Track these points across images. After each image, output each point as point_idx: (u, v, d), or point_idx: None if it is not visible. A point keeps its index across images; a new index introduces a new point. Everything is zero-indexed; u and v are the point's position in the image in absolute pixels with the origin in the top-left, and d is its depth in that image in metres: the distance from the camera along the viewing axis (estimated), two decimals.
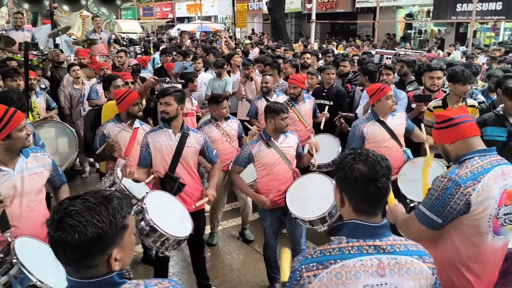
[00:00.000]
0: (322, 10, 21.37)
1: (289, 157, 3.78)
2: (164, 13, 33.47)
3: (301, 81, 5.13)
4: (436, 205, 2.10)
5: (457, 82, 4.18)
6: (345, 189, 1.66)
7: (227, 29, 25.99)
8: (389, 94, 4.00)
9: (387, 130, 4.04)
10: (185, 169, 3.58)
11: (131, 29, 23.08)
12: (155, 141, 3.49)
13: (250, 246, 4.83)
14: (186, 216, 3.33)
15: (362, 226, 1.61)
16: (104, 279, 1.35)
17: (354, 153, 1.67)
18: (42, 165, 2.81)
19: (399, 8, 20.17)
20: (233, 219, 5.43)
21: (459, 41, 16.55)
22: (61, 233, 1.27)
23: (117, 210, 1.34)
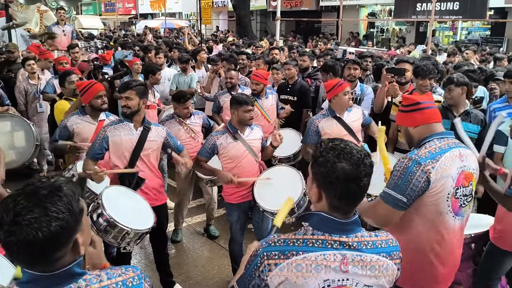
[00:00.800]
0: (287, 8, 21.49)
1: (255, 149, 3.77)
2: (127, 9, 32.75)
3: (263, 77, 5.12)
4: (399, 184, 2.15)
5: (418, 76, 4.29)
6: (324, 186, 1.58)
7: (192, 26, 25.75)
8: (346, 90, 4.01)
9: (343, 126, 4.06)
10: (145, 164, 3.49)
11: (92, 25, 22.40)
12: (115, 135, 3.37)
13: (215, 242, 4.79)
14: (147, 209, 3.25)
15: (330, 220, 1.56)
16: (63, 271, 1.27)
17: (337, 148, 1.57)
18: None
19: (362, 7, 20.57)
20: (198, 215, 5.36)
21: (419, 39, 17.03)
22: (18, 235, 1.16)
23: (71, 197, 1.25)
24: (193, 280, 4.12)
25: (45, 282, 1.25)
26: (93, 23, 23.25)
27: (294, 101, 5.54)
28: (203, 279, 4.13)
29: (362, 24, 21.43)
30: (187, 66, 6.67)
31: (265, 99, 5.17)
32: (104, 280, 1.33)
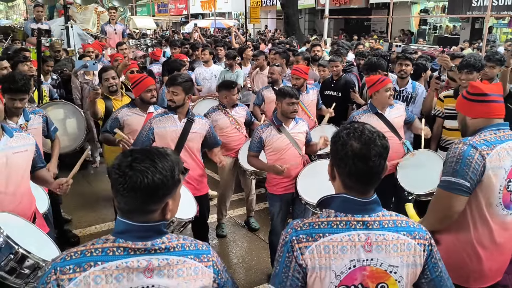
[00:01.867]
0: (336, 6, 21.26)
1: (299, 143, 3.79)
2: (179, 10, 33.66)
3: (303, 71, 5.13)
4: (458, 170, 2.08)
5: (465, 68, 4.06)
6: (336, 163, 1.63)
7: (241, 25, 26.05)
8: (388, 87, 3.95)
9: (385, 122, 3.99)
10: (189, 154, 3.63)
11: (145, 25, 23.28)
12: (160, 127, 3.53)
13: (255, 235, 4.87)
14: (190, 199, 3.37)
15: (351, 200, 1.59)
16: (154, 225, 1.45)
17: (350, 128, 1.62)
18: (27, 144, 2.81)
19: (414, 4, 19.98)
20: (239, 208, 5.46)
21: (475, 37, 16.32)
22: (129, 177, 1.36)
23: (175, 164, 1.45)
24: (233, 270, 4.22)
25: (138, 233, 1.44)
26: (146, 23, 24.14)
27: (338, 97, 5.52)
28: (243, 270, 4.23)
29: (414, 21, 20.80)
30: (233, 62, 6.79)
31: (305, 94, 5.19)
32: (181, 240, 1.52)
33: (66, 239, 4.44)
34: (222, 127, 4.57)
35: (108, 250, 1.41)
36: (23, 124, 3.52)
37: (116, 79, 4.79)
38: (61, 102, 4.85)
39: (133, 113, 4.08)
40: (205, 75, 7.02)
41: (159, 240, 1.46)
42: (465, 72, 4.06)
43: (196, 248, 1.54)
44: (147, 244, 1.43)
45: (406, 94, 4.98)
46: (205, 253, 1.55)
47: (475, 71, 4.03)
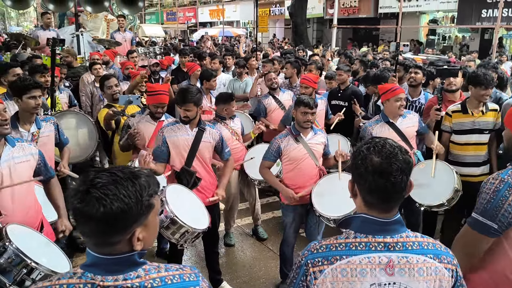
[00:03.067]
0: (344, 16, 21.30)
1: (316, 154, 3.78)
2: (187, 18, 33.88)
3: (312, 80, 5.13)
4: (488, 209, 1.92)
5: (478, 85, 3.99)
6: (357, 179, 1.56)
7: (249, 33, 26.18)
8: (399, 97, 3.95)
9: (396, 132, 3.98)
10: (201, 164, 3.63)
11: (154, 33, 23.45)
12: (171, 136, 3.54)
13: (263, 244, 4.85)
14: (203, 209, 3.38)
15: (371, 221, 1.51)
16: (125, 256, 1.30)
17: (370, 142, 1.56)
18: (29, 154, 2.80)
19: (423, 14, 19.96)
20: (247, 217, 5.44)
21: (484, 48, 16.25)
22: (85, 204, 1.22)
23: (144, 188, 1.28)
24: (240, 279, 4.19)
25: (106, 266, 1.29)
26: (155, 31, 24.33)
27: (345, 107, 5.51)
28: (250, 279, 4.20)
29: (423, 31, 20.78)
30: (243, 71, 6.79)
31: None
32: (162, 271, 1.35)
33: (75, 245, 4.44)
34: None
35: (74, 287, 1.28)
36: (35, 132, 3.54)
37: (119, 86, 4.84)
38: (73, 112, 4.87)
39: (144, 121, 4.10)
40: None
41: (133, 273, 1.30)
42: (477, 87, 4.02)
43: (181, 280, 1.37)
44: (119, 278, 1.28)
45: (418, 104, 4.96)
46: (193, 285, 1.39)
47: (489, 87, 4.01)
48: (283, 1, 24.87)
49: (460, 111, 4.15)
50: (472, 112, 4.08)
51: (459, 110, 4.16)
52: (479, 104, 4.09)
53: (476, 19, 15.75)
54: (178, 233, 3.06)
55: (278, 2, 25.95)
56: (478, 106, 4.09)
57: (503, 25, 13.80)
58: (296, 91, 6.12)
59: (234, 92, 6.49)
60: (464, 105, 4.16)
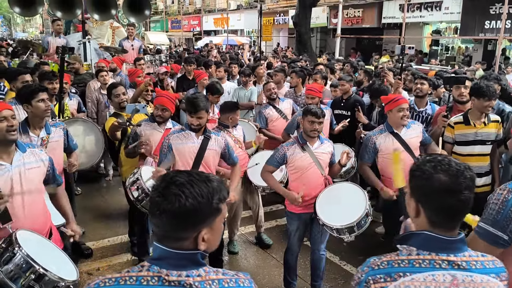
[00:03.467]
0: (348, 25, 21.41)
1: (322, 163, 3.79)
2: (192, 26, 34.15)
3: (318, 90, 5.18)
4: (499, 220, 1.92)
5: (481, 97, 4.00)
6: (422, 199, 1.52)
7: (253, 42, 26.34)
8: (401, 107, 3.97)
9: (400, 142, 3.99)
10: (207, 171, 3.65)
11: (159, 41, 23.68)
12: (178, 143, 3.58)
13: (266, 252, 4.86)
14: None
15: (436, 238, 1.48)
16: (189, 253, 1.37)
17: (434, 160, 1.51)
18: (40, 160, 2.83)
19: (426, 25, 20.05)
20: (251, 225, 5.46)
21: (487, 59, 16.30)
22: (164, 199, 1.31)
23: (216, 191, 1.36)
24: None
25: (172, 260, 1.37)
26: (160, 39, 24.56)
27: (348, 116, 5.56)
28: None
29: (426, 42, 20.86)
30: (248, 79, 6.84)
31: None
32: (220, 275, 1.42)
33: (80, 251, 4.46)
34: None
35: (143, 279, 1.35)
36: (44, 137, 3.59)
37: (126, 94, 4.89)
38: (81, 119, 4.93)
39: (151, 128, 4.14)
40: None
41: (194, 271, 1.37)
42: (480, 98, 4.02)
43: (237, 284, 1.43)
44: (182, 274, 1.35)
45: (425, 115, 5.00)
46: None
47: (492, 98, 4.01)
48: (287, 10, 25.03)
49: (462, 122, 4.17)
50: (474, 123, 4.10)
51: (461, 121, 4.18)
52: (481, 116, 4.10)
53: (479, 30, 15.84)
54: None
55: (282, 11, 26.13)
56: (480, 118, 4.11)
57: (506, 37, 13.84)
58: (301, 100, 6.18)
59: (239, 100, 6.55)
60: (466, 116, 4.18)
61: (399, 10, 18.50)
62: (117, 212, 5.72)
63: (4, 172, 2.61)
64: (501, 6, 13.73)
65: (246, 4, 29.81)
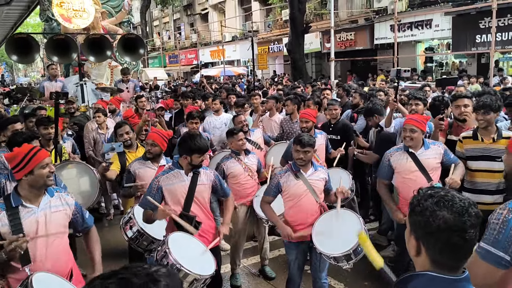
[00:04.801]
0: (341, 49, 21.71)
1: (317, 190, 3.77)
2: (189, 60, 34.70)
3: (312, 115, 5.23)
4: (500, 240, 1.86)
5: (477, 110, 4.02)
6: (423, 237, 1.43)
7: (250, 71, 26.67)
8: (405, 127, 3.99)
9: (415, 162, 3.94)
10: (199, 207, 3.64)
11: (157, 76, 24.02)
12: (168, 184, 3.54)
13: (270, 284, 4.79)
14: (207, 254, 3.38)
15: (440, 279, 1.39)
16: None
17: (436, 195, 1.42)
18: (66, 204, 2.91)
19: (418, 43, 20.30)
20: (253, 256, 5.41)
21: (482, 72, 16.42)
22: None
23: None
24: None
25: None
26: (158, 75, 24.93)
27: (337, 140, 5.59)
28: None
29: (420, 60, 21.08)
30: (242, 110, 6.94)
31: None
32: None
33: None
34: (235, 174, 4.63)
35: None
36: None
37: (130, 133, 4.98)
38: (75, 161, 4.99)
39: (144, 165, 4.18)
40: (215, 124, 7.15)
41: None
42: (482, 112, 4.01)
43: None
44: None
45: None
46: None
47: (492, 111, 3.99)
48: (281, 38, 25.47)
49: (471, 137, 4.15)
50: (482, 138, 4.06)
51: (470, 136, 4.17)
52: (490, 132, 4.06)
53: (471, 45, 16.02)
54: (186, 282, 3.04)
55: (276, 39, 26.57)
56: (489, 133, 4.06)
57: (498, 50, 13.99)
58: (297, 127, 6.20)
59: None
60: (475, 131, 4.16)
61: (390, 31, 18.78)
62: (119, 251, 5.66)
63: (31, 215, 2.71)
64: (490, 20, 13.94)
65: (241, 35, 30.35)
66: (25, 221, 2.68)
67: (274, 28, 27.29)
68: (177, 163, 3.62)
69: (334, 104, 5.97)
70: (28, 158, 2.68)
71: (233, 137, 4.66)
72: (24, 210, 2.70)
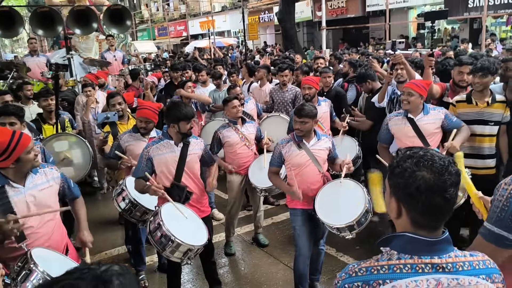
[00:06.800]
0: (333, 17, 21.43)
1: (319, 160, 3.70)
2: (179, 32, 34.11)
3: (315, 81, 5.13)
4: (503, 218, 1.74)
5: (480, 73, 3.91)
6: (404, 199, 1.39)
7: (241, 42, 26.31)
8: (403, 91, 3.96)
9: (413, 127, 3.90)
10: (190, 177, 3.64)
11: (146, 50, 23.63)
12: (158, 154, 3.51)
13: (263, 250, 4.86)
14: (200, 223, 3.41)
15: (418, 240, 1.37)
16: None
17: (415, 155, 1.38)
18: (52, 179, 2.88)
19: (410, 9, 20.07)
20: (247, 225, 5.47)
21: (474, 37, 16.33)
22: None
23: None
24: (242, 287, 4.21)
25: None
26: (147, 48, 24.52)
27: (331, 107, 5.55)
28: (252, 286, 4.22)
29: (412, 26, 20.87)
30: (220, 82, 6.97)
31: (318, 107, 5.07)
32: None
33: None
34: (232, 143, 4.63)
35: None
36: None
37: (123, 104, 4.93)
38: (64, 134, 4.95)
39: (134, 138, 4.14)
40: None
41: None
42: (479, 75, 3.92)
43: None
44: None
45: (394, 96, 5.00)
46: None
47: (490, 74, 3.92)
48: (271, 7, 25.04)
49: (465, 101, 4.10)
50: (476, 102, 4.02)
51: (464, 100, 4.12)
52: (484, 95, 4.02)
53: (463, 10, 15.82)
54: (179, 252, 3.07)
55: (267, 9, 26.12)
56: (483, 97, 4.01)
57: (490, 14, 13.87)
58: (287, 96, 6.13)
59: (215, 102, 6.62)
60: (469, 95, 4.11)
61: None
62: (113, 224, 5.72)
63: (18, 195, 2.68)
64: None
65: (231, 5, 29.78)
66: (13, 201, 2.65)
67: None
68: (167, 133, 3.59)
69: (328, 72, 5.91)
70: (13, 146, 2.59)
71: (227, 105, 4.66)
72: (11, 190, 2.67)
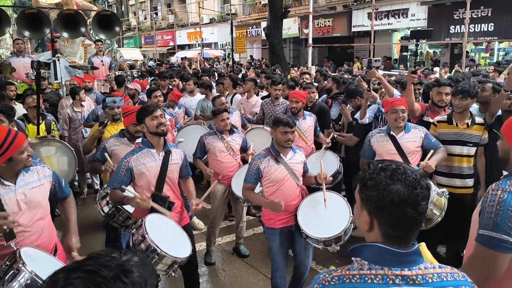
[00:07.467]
0: (319, 35, 21.79)
1: (297, 173, 3.67)
2: (165, 41, 34.13)
3: (302, 96, 5.22)
4: (500, 222, 1.77)
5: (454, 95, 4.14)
6: (376, 212, 1.39)
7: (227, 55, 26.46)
8: (394, 109, 3.98)
9: (394, 145, 3.98)
10: (170, 187, 3.57)
11: (132, 57, 23.52)
12: (139, 164, 3.41)
13: (244, 261, 4.87)
14: (183, 234, 3.37)
15: (389, 251, 1.37)
16: None
17: (388, 168, 1.39)
18: (43, 177, 2.84)
19: (395, 32, 20.55)
20: (228, 235, 5.47)
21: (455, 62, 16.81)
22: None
23: (139, 286, 0.96)
24: None
25: None
26: (133, 55, 24.40)
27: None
28: None
29: (395, 48, 21.37)
30: (208, 91, 7.05)
31: (302, 120, 5.21)
32: None
33: None
34: (215, 152, 4.64)
35: None
36: None
37: (119, 108, 4.94)
38: (54, 140, 4.91)
39: (121, 143, 4.14)
40: (191, 104, 7.18)
41: None
42: (459, 97, 4.08)
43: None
44: None
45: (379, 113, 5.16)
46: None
47: (470, 97, 4.07)
48: (259, 22, 25.31)
49: (446, 121, 4.24)
50: (457, 123, 4.16)
51: (445, 120, 4.26)
52: (464, 117, 4.17)
53: (445, 35, 16.37)
54: (163, 264, 3.02)
55: (255, 23, 26.40)
56: (463, 118, 4.16)
57: (471, 40, 14.34)
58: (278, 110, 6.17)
59: (203, 111, 6.69)
60: (450, 116, 4.25)
61: (367, 19, 18.95)
62: (93, 228, 5.65)
63: (9, 192, 2.64)
64: (464, 11, 14.24)
65: (219, 17, 30.00)
66: (4, 199, 2.61)
67: (253, 11, 27.08)
68: (148, 141, 3.50)
69: (311, 87, 6.03)
70: (7, 145, 2.55)
71: (216, 117, 4.68)
72: (1, 188, 2.63)
